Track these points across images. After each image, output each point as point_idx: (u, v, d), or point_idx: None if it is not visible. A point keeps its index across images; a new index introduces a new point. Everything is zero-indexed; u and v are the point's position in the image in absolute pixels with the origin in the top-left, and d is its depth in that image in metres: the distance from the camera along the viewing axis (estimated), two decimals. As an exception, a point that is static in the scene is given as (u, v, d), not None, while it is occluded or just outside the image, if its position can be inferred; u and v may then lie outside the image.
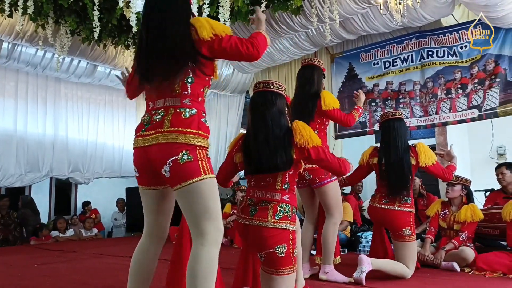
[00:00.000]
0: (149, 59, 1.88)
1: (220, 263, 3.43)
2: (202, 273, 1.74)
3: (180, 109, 1.85)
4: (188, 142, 1.79)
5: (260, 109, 2.24)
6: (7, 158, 6.77)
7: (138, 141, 1.90)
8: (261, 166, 2.16)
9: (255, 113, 2.26)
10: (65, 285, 3.35)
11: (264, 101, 2.25)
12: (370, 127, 6.95)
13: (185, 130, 1.80)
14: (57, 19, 5.35)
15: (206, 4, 4.19)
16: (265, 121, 2.20)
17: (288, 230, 2.12)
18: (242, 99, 9.21)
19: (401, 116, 3.49)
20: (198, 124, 1.86)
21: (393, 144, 3.36)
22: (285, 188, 2.18)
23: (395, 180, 3.30)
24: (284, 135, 2.18)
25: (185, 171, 1.77)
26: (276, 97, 2.26)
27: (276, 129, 2.18)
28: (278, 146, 2.14)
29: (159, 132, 1.81)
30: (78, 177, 7.55)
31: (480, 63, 5.88)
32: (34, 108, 7.22)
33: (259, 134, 2.19)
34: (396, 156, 3.31)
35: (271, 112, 2.21)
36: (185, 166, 1.77)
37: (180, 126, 1.81)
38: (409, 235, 3.29)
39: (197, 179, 1.78)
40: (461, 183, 3.95)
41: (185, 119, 1.82)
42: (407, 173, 3.29)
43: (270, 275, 2.14)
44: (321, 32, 6.30)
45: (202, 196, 1.79)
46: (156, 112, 1.88)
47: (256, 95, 2.32)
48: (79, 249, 5.58)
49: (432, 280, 3.29)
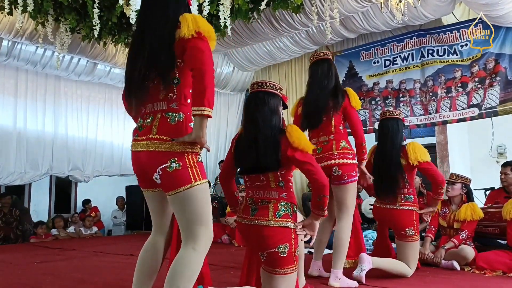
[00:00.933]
0: (138, 61, 1.88)
1: (220, 262, 3.40)
2: (188, 276, 1.77)
3: (167, 114, 1.84)
4: (176, 150, 1.79)
5: (251, 109, 2.24)
6: (7, 156, 6.76)
7: (133, 145, 1.92)
8: (249, 166, 2.17)
9: (247, 114, 2.27)
10: (64, 283, 3.35)
11: (256, 101, 2.24)
12: (370, 125, 6.95)
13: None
14: (57, 16, 5.34)
15: (206, 2, 4.18)
16: (255, 122, 2.19)
17: (290, 228, 2.11)
18: (242, 98, 9.20)
19: (396, 115, 3.44)
20: (186, 129, 1.83)
21: (385, 145, 3.36)
22: (281, 186, 2.17)
23: (382, 181, 3.30)
24: (275, 135, 2.17)
25: (175, 178, 1.78)
26: (268, 96, 2.24)
27: (267, 130, 2.17)
28: (268, 146, 2.14)
29: (149, 139, 1.82)
30: (77, 175, 7.55)
31: (480, 61, 5.87)
32: (33, 106, 7.21)
33: (248, 134, 2.20)
34: (384, 156, 3.31)
35: (262, 112, 2.20)
36: (175, 174, 1.78)
37: (167, 134, 1.80)
38: (412, 235, 3.29)
39: (188, 186, 1.79)
40: (461, 182, 3.95)
41: (172, 125, 1.82)
42: (394, 174, 3.26)
43: (271, 275, 2.13)
44: (321, 30, 6.30)
45: (193, 202, 1.80)
46: (147, 117, 1.89)
47: (250, 96, 2.33)
48: (78, 247, 5.58)
49: (432, 279, 3.28)
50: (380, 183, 3.33)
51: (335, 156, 3.06)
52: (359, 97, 3.49)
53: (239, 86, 8.74)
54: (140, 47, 1.88)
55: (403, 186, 3.32)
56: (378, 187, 3.35)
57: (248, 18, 5.41)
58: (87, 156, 7.70)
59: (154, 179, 1.81)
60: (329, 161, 3.07)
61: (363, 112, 7.04)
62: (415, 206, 3.36)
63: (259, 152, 2.13)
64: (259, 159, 2.13)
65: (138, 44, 1.91)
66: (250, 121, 2.23)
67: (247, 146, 2.18)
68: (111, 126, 8.39)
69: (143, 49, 1.86)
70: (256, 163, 2.14)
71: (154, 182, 1.87)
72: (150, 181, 1.90)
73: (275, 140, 2.15)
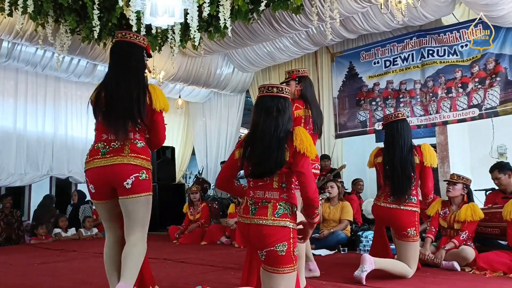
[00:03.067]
0: (111, 112, 2.49)
1: (220, 262, 3.42)
2: (138, 258, 2.40)
3: (134, 141, 2.47)
4: (143, 165, 2.44)
5: (274, 114, 2.22)
6: (7, 157, 6.77)
7: (97, 162, 2.42)
8: (261, 171, 2.17)
9: (268, 117, 2.23)
10: (65, 284, 3.35)
11: (279, 106, 2.24)
12: (371, 126, 6.95)
13: (142, 156, 2.44)
14: (57, 18, 5.33)
15: (206, 3, 4.18)
16: (276, 126, 2.19)
17: (289, 228, 2.12)
18: (242, 99, 9.20)
19: (404, 116, 3.49)
20: (148, 153, 2.50)
21: (397, 145, 3.36)
22: (283, 187, 2.18)
23: (398, 180, 3.31)
24: (284, 137, 2.18)
25: (142, 185, 2.42)
26: (289, 104, 2.29)
27: (282, 134, 2.19)
28: (275, 148, 2.15)
29: (121, 155, 2.39)
30: (77, 176, 7.56)
31: (480, 62, 5.87)
32: (33, 107, 7.22)
33: (265, 137, 2.19)
34: (400, 157, 3.32)
35: (283, 119, 2.22)
36: (143, 182, 2.43)
37: (137, 153, 2.43)
38: (413, 235, 3.30)
39: (147, 194, 2.44)
40: (463, 182, 3.95)
41: (139, 148, 2.46)
42: (411, 174, 3.31)
43: (270, 274, 2.14)
44: (321, 31, 6.30)
45: (145, 206, 2.46)
46: (112, 143, 2.44)
47: (269, 99, 2.27)
48: (79, 249, 5.58)
49: (433, 279, 3.28)
50: (393, 182, 3.33)
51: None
52: (359, 98, 3.46)
53: (239, 87, 8.73)
54: (114, 101, 2.51)
55: (415, 186, 3.35)
56: (391, 187, 3.35)
57: (248, 19, 5.41)
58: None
59: (124, 184, 2.37)
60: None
61: (363, 113, 7.04)
62: (417, 207, 3.36)
63: (268, 156, 2.14)
64: (269, 163, 2.14)
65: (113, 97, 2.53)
66: (270, 125, 2.20)
67: (262, 151, 2.17)
68: (111, 127, 8.39)
69: (116, 104, 2.48)
70: (266, 167, 2.15)
71: (110, 194, 2.45)
72: (107, 194, 2.46)
73: (283, 142, 2.16)
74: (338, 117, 7.34)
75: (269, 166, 2.14)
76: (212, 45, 6.58)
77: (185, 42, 5.94)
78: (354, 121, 7.15)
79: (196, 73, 7.69)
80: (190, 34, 4.24)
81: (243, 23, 5.74)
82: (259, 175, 2.18)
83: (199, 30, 4.58)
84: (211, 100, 9.56)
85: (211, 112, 9.59)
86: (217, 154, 9.28)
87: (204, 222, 6.41)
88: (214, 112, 9.52)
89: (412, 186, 3.32)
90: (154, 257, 4.57)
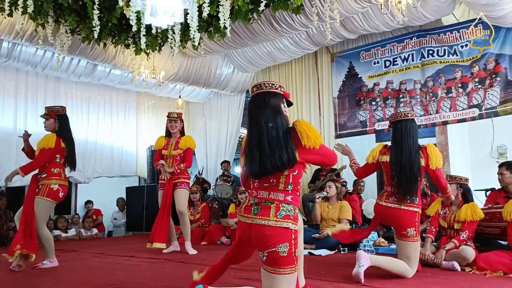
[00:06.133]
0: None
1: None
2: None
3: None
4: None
5: (254, 113, 2.21)
6: (7, 157, 6.76)
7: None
8: (255, 170, 2.15)
9: (251, 118, 2.23)
10: (65, 284, 3.35)
11: (257, 104, 2.21)
12: (371, 126, 6.95)
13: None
14: (57, 18, 5.34)
15: (206, 3, 4.18)
16: (258, 125, 2.15)
17: (290, 229, 2.11)
18: (242, 99, 9.20)
19: (413, 117, 3.50)
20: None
21: (405, 145, 3.36)
22: (288, 189, 2.16)
23: (405, 180, 3.31)
24: (283, 135, 2.14)
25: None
26: (269, 97, 2.20)
27: (272, 131, 2.14)
28: (275, 147, 2.12)
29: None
30: (78, 176, 7.54)
31: (480, 62, 5.88)
32: (33, 108, 7.21)
33: (252, 138, 2.17)
34: (407, 157, 3.32)
35: (264, 115, 2.16)
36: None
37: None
38: (413, 236, 3.30)
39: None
40: (456, 182, 3.96)
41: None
42: (417, 174, 3.31)
43: (271, 275, 2.13)
44: (321, 31, 6.30)
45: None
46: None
47: (251, 100, 2.29)
48: (79, 249, 5.58)
49: (433, 279, 3.28)
50: (400, 182, 3.33)
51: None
52: (359, 98, 3.46)
53: (239, 87, 8.73)
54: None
55: (418, 186, 3.35)
56: (399, 186, 3.34)
57: (248, 19, 5.41)
58: (87, 158, 7.70)
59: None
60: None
61: (363, 113, 7.04)
62: (418, 208, 3.36)
63: (264, 155, 2.11)
64: (264, 162, 2.11)
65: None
66: (253, 125, 2.19)
67: (252, 150, 2.16)
68: (111, 127, 8.40)
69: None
70: (261, 166, 2.12)
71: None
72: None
73: (285, 138, 2.13)
74: (338, 117, 7.34)
75: (269, 165, 2.11)
76: (212, 45, 6.58)
77: (185, 42, 5.94)
78: (354, 121, 7.15)
79: (196, 73, 7.70)
80: (190, 34, 4.24)
81: (243, 23, 5.74)
82: (259, 175, 2.18)
83: (199, 30, 4.59)
84: (211, 100, 9.57)
85: (211, 112, 9.59)
86: (217, 154, 9.28)
87: (204, 222, 6.41)
88: (214, 112, 9.52)
89: (417, 187, 3.33)
90: (154, 257, 4.58)
